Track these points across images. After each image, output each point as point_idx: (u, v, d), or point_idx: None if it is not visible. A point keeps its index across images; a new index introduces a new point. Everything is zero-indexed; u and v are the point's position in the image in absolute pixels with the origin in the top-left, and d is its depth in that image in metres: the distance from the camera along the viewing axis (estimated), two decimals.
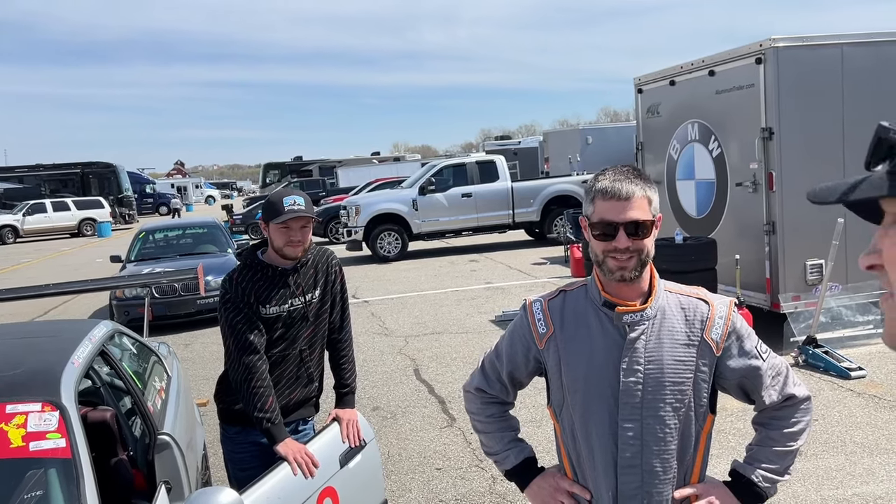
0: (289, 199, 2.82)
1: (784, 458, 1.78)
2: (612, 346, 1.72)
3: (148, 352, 4.05)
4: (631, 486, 1.74)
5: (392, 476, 4.71)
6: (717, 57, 7.59)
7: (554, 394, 1.84)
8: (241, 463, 2.97)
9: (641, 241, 1.68)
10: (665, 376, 1.70)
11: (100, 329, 3.31)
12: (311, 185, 30.82)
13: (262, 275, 2.87)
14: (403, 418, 5.85)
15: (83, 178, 38.91)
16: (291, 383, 2.96)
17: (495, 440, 1.96)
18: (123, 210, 38.34)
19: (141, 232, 11.89)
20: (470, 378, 2.02)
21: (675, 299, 1.77)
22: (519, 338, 1.88)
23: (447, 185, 16.00)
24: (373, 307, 10.61)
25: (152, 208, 46.31)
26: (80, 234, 32.63)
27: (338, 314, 3.10)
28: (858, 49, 6.93)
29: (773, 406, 1.79)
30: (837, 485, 4.18)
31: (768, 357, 1.79)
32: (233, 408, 2.93)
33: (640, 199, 1.68)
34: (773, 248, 6.99)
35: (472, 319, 9.31)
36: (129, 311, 9.39)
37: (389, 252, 15.65)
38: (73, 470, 2.28)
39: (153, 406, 3.36)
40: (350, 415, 2.97)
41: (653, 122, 8.93)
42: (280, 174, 44.29)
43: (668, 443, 1.72)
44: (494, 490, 4.43)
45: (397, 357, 7.75)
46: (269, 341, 2.87)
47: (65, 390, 2.52)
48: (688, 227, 8.00)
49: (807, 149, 6.87)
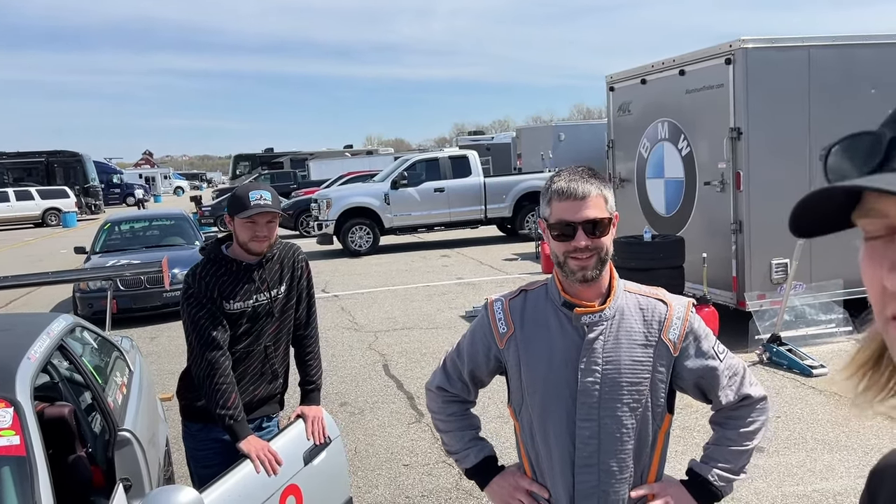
0: (255, 193, 2.79)
1: (739, 458, 1.80)
2: (570, 347, 1.73)
3: (109, 346, 3.98)
4: (588, 484, 1.75)
5: (358, 472, 4.69)
6: (687, 57, 7.66)
7: (514, 393, 1.84)
8: (203, 460, 2.93)
9: (599, 239, 1.69)
10: (622, 376, 1.72)
11: (58, 323, 3.24)
12: (282, 178, 30.54)
13: (225, 269, 2.83)
14: (371, 414, 5.84)
15: (48, 167, 38.14)
16: (256, 380, 2.93)
17: (455, 439, 1.96)
18: (89, 200, 37.66)
19: (107, 223, 11.68)
20: (432, 376, 2.01)
21: (634, 299, 1.78)
22: (480, 337, 1.88)
23: (420, 180, 15.95)
24: (343, 301, 10.56)
25: (119, 199, 45.56)
26: (45, 224, 32.01)
27: (304, 310, 3.08)
28: (825, 51, 7.04)
29: (730, 406, 1.81)
30: (798, 481, 4.26)
31: (725, 357, 1.81)
32: (195, 404, 2.89)
33: (596, 198, 1.69)
34: (740, 247, 7.09)
35: (442, 315, 9.31)
36: (93, 304, 9.24)
37: (361, 246, 15.58)
38: (28, 468, 2.23)
39: (114, 402, 3.30)
40: (315, 412, 2.95)
41: (624, 120, 8.99)
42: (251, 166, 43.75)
43: (624, 442, 1.74)
44: (461, 486, 4.44)
45: (367, 352, 7.72)
46: (233, 337, 2.83)
47: (20, 386, 2.46)
48: (657, 225, 8.08)
49: (774, 149, 6.97)
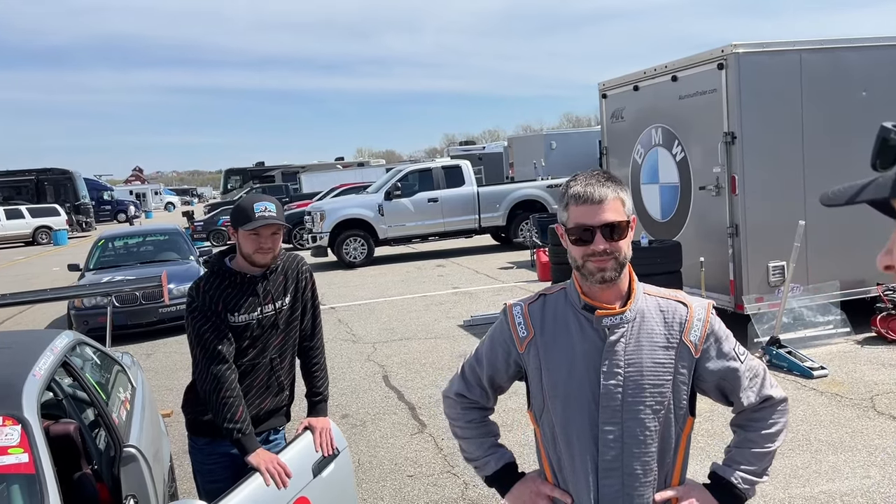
0: (260, 205, 2.77)
1: (762, 460, 1.79)
2: (591, 350, 1.72)
3: (111, 362, 3.94)
4: (612, 489, 1.73)
5: (363, 484, 4.66)
6: (679, 62, 7.70)
7: (534, 398, 1.83)
8: (210, 474, 2.90)
9: (617, 242, 1.69)
10: (645, 379, 1.71)
11: (61, 339, 3.22)
12: (274, 191, 30.46)
13: (230, 282, 2.81)
14: (373, 425, 5.80)
15: (38, 186, 37.92)
16: (262, 392, 2.91)
17: (475, 446, 1.94)
18: (80, 217, 37.47)
19: (100, 239, 11.61)
20: (449, 384, 2.00)
21: (654, 302, 1.77)
22: (499, 342, 1.86)
23: (413, 191, 15.96)
24: (340, 314, 10.52)
25: (110, 215, 45.39)
26: (35, 242, 31.81)
27: (309, 321, 3.06)
28: (816, 55, 7.10)
29: (751, 408, 1.80)
30: (804, 483, 4.25)
31: (746, 359, 1.80)
32: (201, 419, 2.86)
33: (613, 202, 1.68)
34: (737, 251, 7.11)
35: (440, 324, 9.29)
36: (89, 321, 9.17)
37: (355, 258, 15.55)
38: (37, 486, 2.21)
39: (118, 418, 3.27)
40: (323, 423, 2.92)
41: (617, 126, 9.03)
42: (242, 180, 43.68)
43: (648, 445, 1.72)
44: (467, 496, 4.40)
45: (366, 364, 7.69)
46: (239, 350, 2.81)
47: (27, 403, 2.44)
48: (653, 231, 8.10)
49: (768, 152, 7.01)
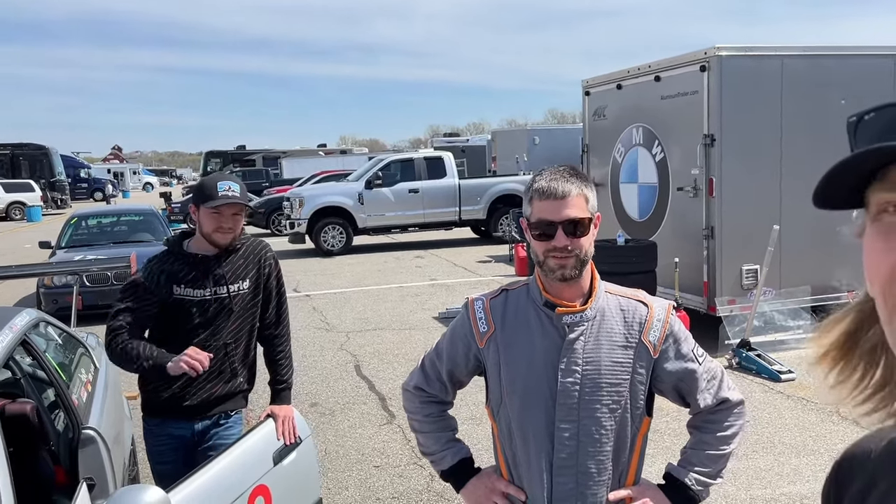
0: (223, 183, 2.74)
1: (717, 462, 1.79)
2: (551, 347, 1.71)
3: (75, 343, 3.88)
4: (566, 487, 1.73)
5: (329, 473, 4.63)
6: (663, 63, 7.72)
7: (492, 393, 1.82)
8: (159, 456, 2.90)
9: (580, 239, 1.68)
10: (602, 377, 1.70)
11: (22, 317, 3.15)
12: (254, 175, 30.20)
13: (183, 261, 2.81)
14: (342, 415, 5.78)
15: (13, 160, 37.31)
16: (214, 377, 2.85)
17: (432, 440, 1.93)
18: (55, 194, 36.90)
19: (73, 217, 11.43)
20: (409, 376, 1.98)
21: (615, 301, 1.77)
22: (460, 336, 1.85)
23: (394, 180, 15.88)
24: (314, 301, 10.47)
25: (87, 194, 44.73)
26: (8, 217, 31.33)
27: (273, 309, 3.02)
28: (798, 61, 7.14)
29: (708, 409, 1.81)
30: (766, 484, 4.29)
31: (704, 361, 1.80)
32: (154, 397, 2.86)
33: (576, 198, 1.67)
34: (711, 253, 7.15)
35: (415, 316, 9.27)
36: (58, 300, 9.02)
37: (333, 246, 15.46)
38: None
39: (78, 399, 3.22)
40: (285, 411, 2.89)
41: (599, 124, 9.04)
42: (222, 163, 43.19)
43: (603, 444, 1.72)
44: (432, 488, 4.40)
45: (338, 353, 7.65)
46: (187, 329, 2.79)
47: None
48: (630, 230, 8.12)
49: (746, 156, 7.05)
